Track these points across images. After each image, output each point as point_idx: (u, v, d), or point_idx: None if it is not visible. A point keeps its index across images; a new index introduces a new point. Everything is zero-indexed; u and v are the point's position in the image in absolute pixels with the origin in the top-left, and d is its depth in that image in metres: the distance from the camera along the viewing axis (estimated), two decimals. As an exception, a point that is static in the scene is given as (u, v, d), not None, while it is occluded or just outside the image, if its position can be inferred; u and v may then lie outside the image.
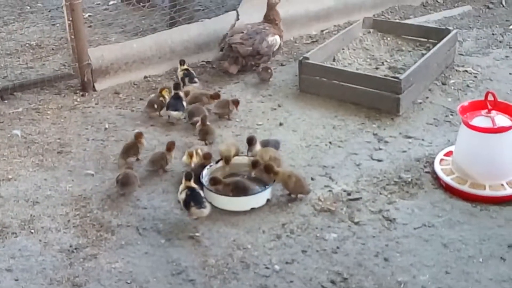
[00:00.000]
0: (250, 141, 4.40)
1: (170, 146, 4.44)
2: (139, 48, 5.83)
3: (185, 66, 5.60)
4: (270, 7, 5.93)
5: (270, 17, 5.94)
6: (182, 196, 3.90)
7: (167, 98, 5.10)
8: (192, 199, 3.87)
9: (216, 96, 5.15)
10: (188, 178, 3.93)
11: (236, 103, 5.10)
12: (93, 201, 4.16)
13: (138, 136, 4.55)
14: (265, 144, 4.48)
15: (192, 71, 5.58)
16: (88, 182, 4.35)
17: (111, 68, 5.68)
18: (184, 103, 5.04)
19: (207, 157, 4.33)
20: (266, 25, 5.89)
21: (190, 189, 3.91)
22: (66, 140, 4.84)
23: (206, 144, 4.68)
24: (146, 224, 3.94)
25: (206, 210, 3.87)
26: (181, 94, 5.08)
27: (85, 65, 5.49)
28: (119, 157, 4.48)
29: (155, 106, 5.10)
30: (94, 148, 4.74)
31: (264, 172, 4.12)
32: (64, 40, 6.33)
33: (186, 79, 5.47)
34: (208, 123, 4.75)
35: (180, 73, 5.57)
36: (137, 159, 4.53)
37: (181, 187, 3.94)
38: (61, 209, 4.08)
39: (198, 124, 4.75)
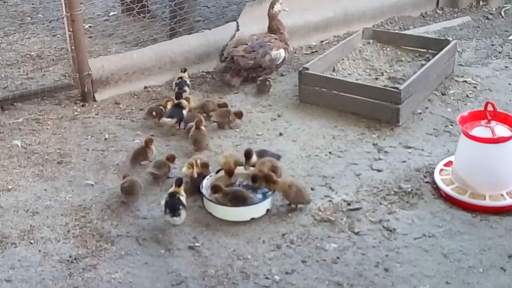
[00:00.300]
0: (248, 155, 4.35)
1: (169, 157, 4.49)
2: (139, 58, 5.85)
3: (182, 74, 5.60)
4: (271, 18, 5.95)
5: (274, 28, 5.95)
6: (162, 201, 3.95)
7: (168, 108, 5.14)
8: (168, 206, 3.90)
9: (223, 105, 5.16)
10: (177, 184, 3.97)
11: (239, 114, 5.11)
12: (92, 211, 4.16)
13: (149, 142, 4.60)
14: (261, 154, 4.46)
15: (185, 79, 5.54)
16: (88, 192, 4.35)
17: (112, 78, 5.69)
18: (184, 112, 5.06)
19: (204, 167, 4.32)
20: (272, 37, 5.87)
21: (170, 195, 3.94)
22: (66, 150, 4.85)
23: (195, 149, 4.69)
24: (146, 234, 3.94)
25: (178, 219, 3.89)
26: (184, 103, 5.09)
27: (86, 76, 5.50)
28: (129, 163, 4.54)
29: (154, 113, 5.13)
30: (94, 158, 4.74)
31: (264, 182, 4.12)
32: (65, 51, 6.35)
33: (176, 88, 5.45)
34: (202, 127, 4.74)
35: (176, 80, 5.57)
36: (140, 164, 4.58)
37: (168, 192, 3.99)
38: (60, 219, 4.08)
39: (192, 129, 4.76)
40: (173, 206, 3.90)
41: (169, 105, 5.18)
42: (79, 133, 5.10)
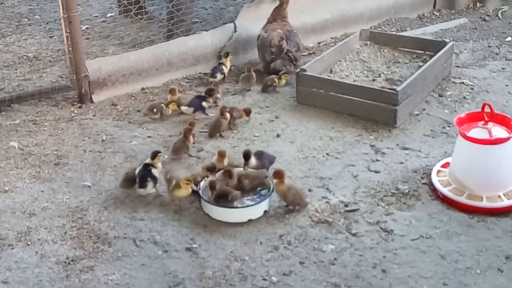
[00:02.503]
0: (246, 156, 4.35)
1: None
2: (136, 60, 5.85)
3: (223, 59, 5.79)
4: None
5: (283, 15, 5.99)
6: (137, 171, 4.20)
7: (170, 110, 5.21)
8: (138, 177, 4.16)
9: (248, 111, 5.17)
10: (151, 156, 4.24)
11: (247, 111, 5.12)
12: (90, 212, 4.15)
13: (187, 131, 4.70)
14: (259, 155, 4.46)
15: (223, 66, 5.74)
16: (85, 193, 4.35)
17: (109, 80, 5.69)
18: (205, 104, 5.21)
19: (211, 170, 4.31)
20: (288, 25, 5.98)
21: (143, 166, 4.20)
22: (63, 152, 4.84)
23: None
24: (143, 235, 3.93)
25: (143, 191, 4.15)
26: (209, 100, 5.26)
27: (83, 77, 5.50)
28: (171, 155, 4.67)
29: (154, 110, 5.19)
30: (91, 160, 4.74)
31: (273, 177, 4.10)
32: (62, 52, 6.35)
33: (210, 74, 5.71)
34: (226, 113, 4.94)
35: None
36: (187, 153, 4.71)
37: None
38: (57, 221, 4.08)
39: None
40: (141, 177, 4.16)
41: (171, 107, 5.23)
42: (76, 134, 5.10)
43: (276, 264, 3.68)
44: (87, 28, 6.99)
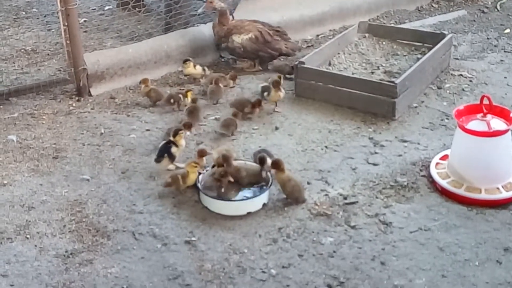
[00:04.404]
0: (262, 161, 4.24)
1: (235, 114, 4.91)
2: (134, 53, 5.83)
3: (183, 65, 5.71)
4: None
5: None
6: (160, 144, 4.49)
7: (189, 100, 5.19)
8: (158, 150, 4.43)
9: (258, 103, 5.14)
10: (172, 134, 4.42)
11: (258, 104, 5.10)
12: (88, 206, 4.15)
13: (236, 114, 4.90)
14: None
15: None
16: (83, 187, 4.34)
17: (107, 73, 5.68)
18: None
19: (201, 154, 4.32)
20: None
21: (166, 142, 4.42)
22: (61, 145, 4.84)
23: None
24: (142, 229, 3.93)
25: (157, 165, 4.38)
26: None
27: (81, 70, 5.48)
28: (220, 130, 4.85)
29: (172, 101, 5.24)
30: (89, 153, 4.73)
31: (271, 167, 4.10)
32: (60, 45, 6.33)
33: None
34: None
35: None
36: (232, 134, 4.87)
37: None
38: (56, 214, 4.07)
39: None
40: (159, 151, 4.40)
41: (189, 96, 5.24)
42: (74, 127, 5.09)
43: (275, 257, 3.69)
44: (85, 21, 6.97)
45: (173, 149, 4.41)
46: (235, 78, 5.66)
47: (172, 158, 4.41)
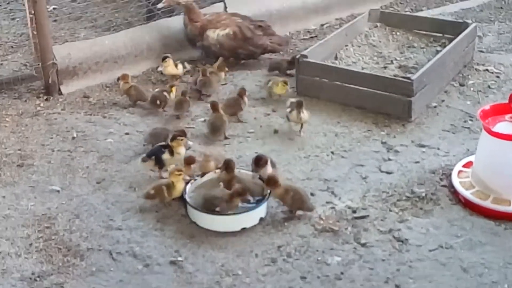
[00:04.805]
0: (258, 162, 4.27)
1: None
2: (111, 45, 5.85)
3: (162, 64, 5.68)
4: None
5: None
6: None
7: (173, 96, 5.27)
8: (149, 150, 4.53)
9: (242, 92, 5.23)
10: (171, 139, 4.46)
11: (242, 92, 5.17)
12: (59, 221, 4.15)
13: (242, 92, 5.09)
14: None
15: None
16: (53, 199, 4.34)
17: (80, 68, 5.69)
18: None
19: (189, 162, 4.33)
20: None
21: (162, 145, 4.45)
22: (27, 151, 4.84)
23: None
24: (120, 247, 3.93)
25: (140, 164, 4.46)
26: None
27: (50, 65, 5.49)
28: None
29: (158, 102, 5.25)
30: (60, 161, 4.73)
31: (266, 185, 4.11)
32: (25, 37, 6.34)
33: None
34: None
35: None
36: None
37: None
38: (21, 231, 4.07)
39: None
40: (149, 151, 4.47)
41: (174, 91, 5.29)
42: (42, 131, 5.09)
43: (273, 279, 3.69)
44: (54, 8, 6.98)
45: (165, 156, 4.39)
46: (223, 68, 5.64)
47: (160, 164, 4.40)
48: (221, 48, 5.85)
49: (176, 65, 5.66)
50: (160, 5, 5.98)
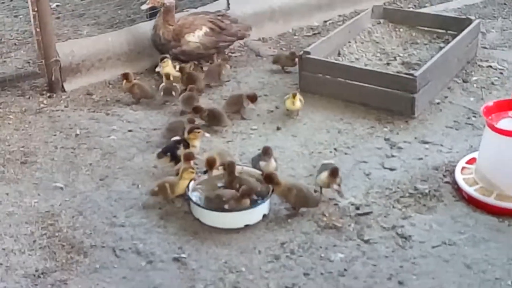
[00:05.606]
0: (266, 151, 4.30)
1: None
2: (114, 42, 5.85)
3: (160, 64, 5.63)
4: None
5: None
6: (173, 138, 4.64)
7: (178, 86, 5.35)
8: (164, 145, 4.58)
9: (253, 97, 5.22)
10: (188, 130, 4.55)
11: (252, 97, 5.15)
12: (62, 218, 4.15)
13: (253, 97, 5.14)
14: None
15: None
16: (56, 196, 4.35)
17: (83, 65, 5.69)
18: None
19: (188, 158, 4.31)
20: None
21: (178, 140, 4.52)
22: (31, 149, 4.84)
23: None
24: (123, 244, 3.94)
25: (156, 160, 4.52)
26: None
27: (53, 62, 5.50)
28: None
29: (173, 93, 5.30)
30: (63, 158, 4.74)
31: (264, 182, 4.12)
32: (29, 34, 6.34)
33: None
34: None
35: None
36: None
37: None
38: (25, 228, 4.08)
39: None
40: (164, 147, 4.51)
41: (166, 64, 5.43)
42: (45, 128, 5.10)
43: (277, 276, 3.69)
44: (57, 5, 6.99)
45: (180, 151, 4.40)
46: (227, 60, 5.75)
47: (175, 159, 4.42)
48: (205, 48, 5.79)
49: (174, 66, 5.61)
50: (143, 7, 5.86)
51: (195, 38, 5.77)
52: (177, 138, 4.59)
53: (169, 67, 5.58)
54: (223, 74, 5.64)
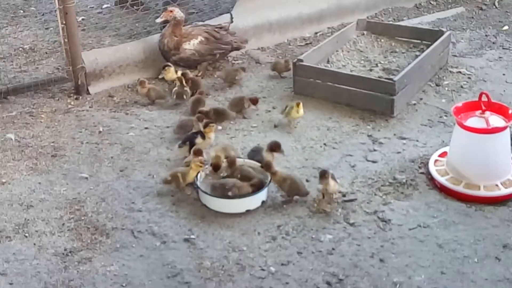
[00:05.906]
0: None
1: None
2: (133, 51, 5.83)
3: (163, 71, 5.57)
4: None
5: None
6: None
7: (187, 87, 5.31)
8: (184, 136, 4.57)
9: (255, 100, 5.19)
10: (204, 125, 4.55)
11: (254, 100, 5.13)
12: (87, 204, 4.15)
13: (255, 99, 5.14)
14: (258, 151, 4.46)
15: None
16: (82, 185, 4.34)
17: (105, 71, 5.67)
18: None
19: (196, 154, 4.28)
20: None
21: (195, 132, 4.55)
22: (60, 144, 4.83)
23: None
24: (141, 227, 3.93)
25: (177, 150, 4.51)
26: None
27: (79, 69, 5.48)
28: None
29: (184, 96, 5.26)
30: (88, 151, 4.73)
31: (264, 169, 4.11)
32: (58, 44, 6.32)
33: None
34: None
35: None
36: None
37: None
38: (55, 213, 4.07)
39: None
40: (184, 137, 4.53)
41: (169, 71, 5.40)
42: (73, 126, 5.09)
43: (274, 254, 3.69)
44: (83, 19, 6.96)
45: (198, 140, 4.44)
46: (244, 69, 5.76)
47: (190, 145, 4.42)
48: (199, 54, 5.74)
49: (176, 72, 5.53)
50: (158, 20, 5.79)
51: (191, 46, 5.72)
52: (194, 130, 4.60)
53: (170, 74, 5.52)
54: (237, 79, 5.63)
